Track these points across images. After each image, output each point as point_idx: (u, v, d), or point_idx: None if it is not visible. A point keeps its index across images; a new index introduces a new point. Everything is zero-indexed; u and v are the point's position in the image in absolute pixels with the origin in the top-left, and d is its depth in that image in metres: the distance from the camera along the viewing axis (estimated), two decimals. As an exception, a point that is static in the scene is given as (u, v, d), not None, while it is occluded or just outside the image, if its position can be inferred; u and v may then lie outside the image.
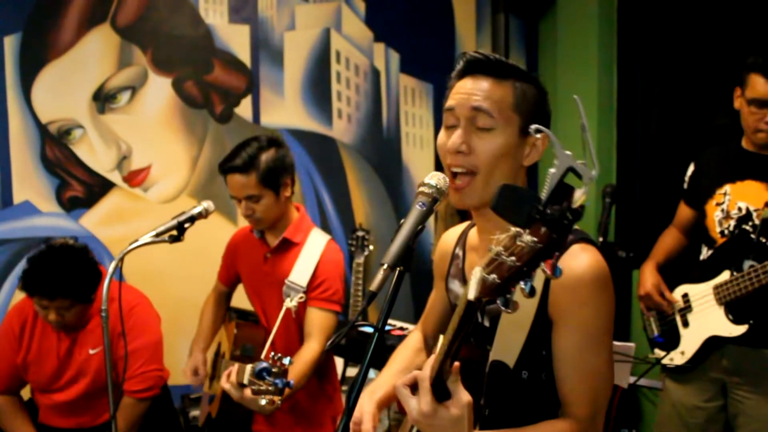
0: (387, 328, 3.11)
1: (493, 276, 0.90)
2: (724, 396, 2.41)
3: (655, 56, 3.46)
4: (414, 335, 1.68)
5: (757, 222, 2.27)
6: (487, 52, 1.29)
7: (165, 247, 2.34)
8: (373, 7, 3.78)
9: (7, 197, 3.29)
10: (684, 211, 2.60)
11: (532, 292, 0.91)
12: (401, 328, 3.08)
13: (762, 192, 2.28)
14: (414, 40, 3.83)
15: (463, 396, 1.06)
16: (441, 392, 1.05)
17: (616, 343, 2.00)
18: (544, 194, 0.93)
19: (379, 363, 1.54)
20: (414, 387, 1.09)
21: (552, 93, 3.76)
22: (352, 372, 3.38)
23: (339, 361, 2.93)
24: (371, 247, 3.66)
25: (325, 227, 3.74)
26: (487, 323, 1.33)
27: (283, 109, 3.67)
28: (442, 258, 1.53)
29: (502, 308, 0.91)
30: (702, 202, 2.45)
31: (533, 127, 1.09)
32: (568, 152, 0.97)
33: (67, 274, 2.31)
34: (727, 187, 2.36)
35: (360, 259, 3.60)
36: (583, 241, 1.24)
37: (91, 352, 2.47)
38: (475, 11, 3.95)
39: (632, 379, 2.18)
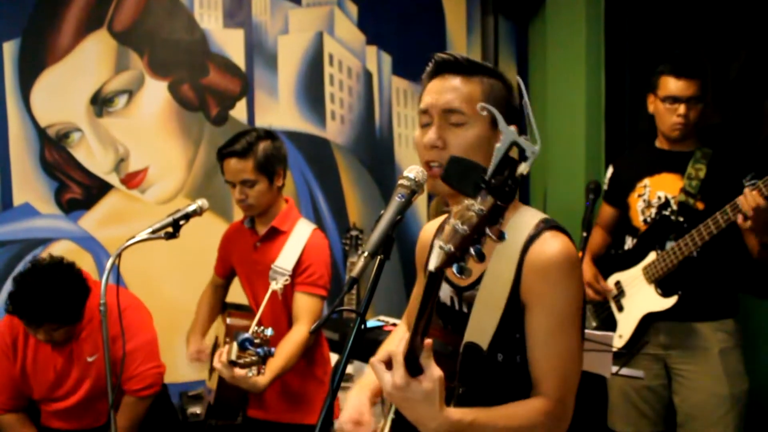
0: (380, 324, 3.19)
1: (449, 246, 0.98)
2: (667, 374, 2.59)
3: (643, 57, 3.52)
4: (400, 327, 1.72)
5: (675, 207, 2.52)
6: (455, 53, 1.36)
7: (162, 248, 2.39)
8: (365, 10, 3.84)
9: (6, 199, 3.34)
10: (606, 210, 2.85)
11: (481, 257, 0.98)
12: (394, 325, 3.13)
13: (677, 182, 2.54)
14: (405, 42, 3.88)
15: (435, 371, 1.10)
16: (414, 368, 1.09)
17: (595, 332, 2.06)
18: (490, 166, 1.01)
19: (362, 351, 1.57)
20: (389, 364, 1.13)
21: (542, 94, 3.86)
22: (348, 368, 3.42)
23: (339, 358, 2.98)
24: (365, 246, 3.70)
25: (320, 227, 3.75)
26: (464, 309, 1.37)
27: (278, 111, 3.73)
28: (422, 249, 1.58)
29: (457, 275, 0.98)
30: (624, 196, 2.69)
31: (479, 105, 1.15)
32: (511, 128, 1.04)
33: (53, 301, 2.30)
34: (647, 180, 2.62)
35: (354, 258, 3.66)
36: (554, 228, 1.29)
37: (89, 359, 2.49)
38: (466, 14, 4.01)
39: (614, 369, 2.23)
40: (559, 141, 3.68)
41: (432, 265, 0.99)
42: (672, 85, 2.49)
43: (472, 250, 0.98)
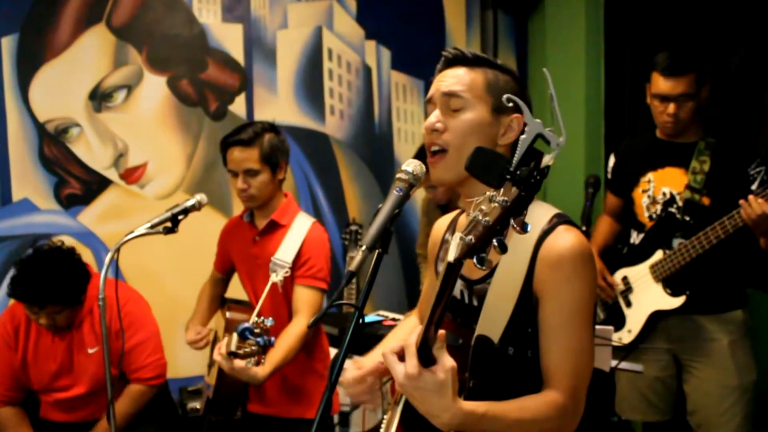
0: (379, 319, 3.19)
1: (470, 237, 0.97)
2: (676, 364, 2.60)
3: (643, 52, 3.51)
4: (410, 318, 1.74)
5: (680, 204, 2.49)
6: (463, 49, 1.38)
7: (161, 244, 2.40)
8: (364, 5, 3.83)
9: (6, 195, 3.33)
10: (611, 200, 2.83)
11: (503, 249, 0.97)
12: (394, 319, 3.14)
13: (681, 177, 2.51)
14: (405, 37, 3.88)
15: (447, 361, 1.09)
16: (426, 359, 1.09)
17: (595, 326, 2.06)
18: (515, 158, 1.01)
19: (360, 345, 1.57)
20: (401, 355, 1.12)
21: (541, 89, 3.84)
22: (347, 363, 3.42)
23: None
24: (364, 241, 3.71)
25: (319, 222, 3.79)
26: (475, 302, 1.37)
27: (277, 106, 3.72)
28: (434, 244, 1.58)
29: (477, 266, 0.97)
30: (629, 190, 2.67)
31: (505, 96, 1.16)
32: (537, 120, 1.04)
33: (55, 282, 2.34)
34: (650, 175, 2.59)
35: (353, 253, 3.66)
36: (567, 223, 1.30)
37: (90, 351, 2.51)
38: (465, 8, 4.00)
39: (613, 363, 2.24)
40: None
41: (451, 256, 0.98)
42: (661, 83, 2.46)
43: (494, 242, 0.97)
